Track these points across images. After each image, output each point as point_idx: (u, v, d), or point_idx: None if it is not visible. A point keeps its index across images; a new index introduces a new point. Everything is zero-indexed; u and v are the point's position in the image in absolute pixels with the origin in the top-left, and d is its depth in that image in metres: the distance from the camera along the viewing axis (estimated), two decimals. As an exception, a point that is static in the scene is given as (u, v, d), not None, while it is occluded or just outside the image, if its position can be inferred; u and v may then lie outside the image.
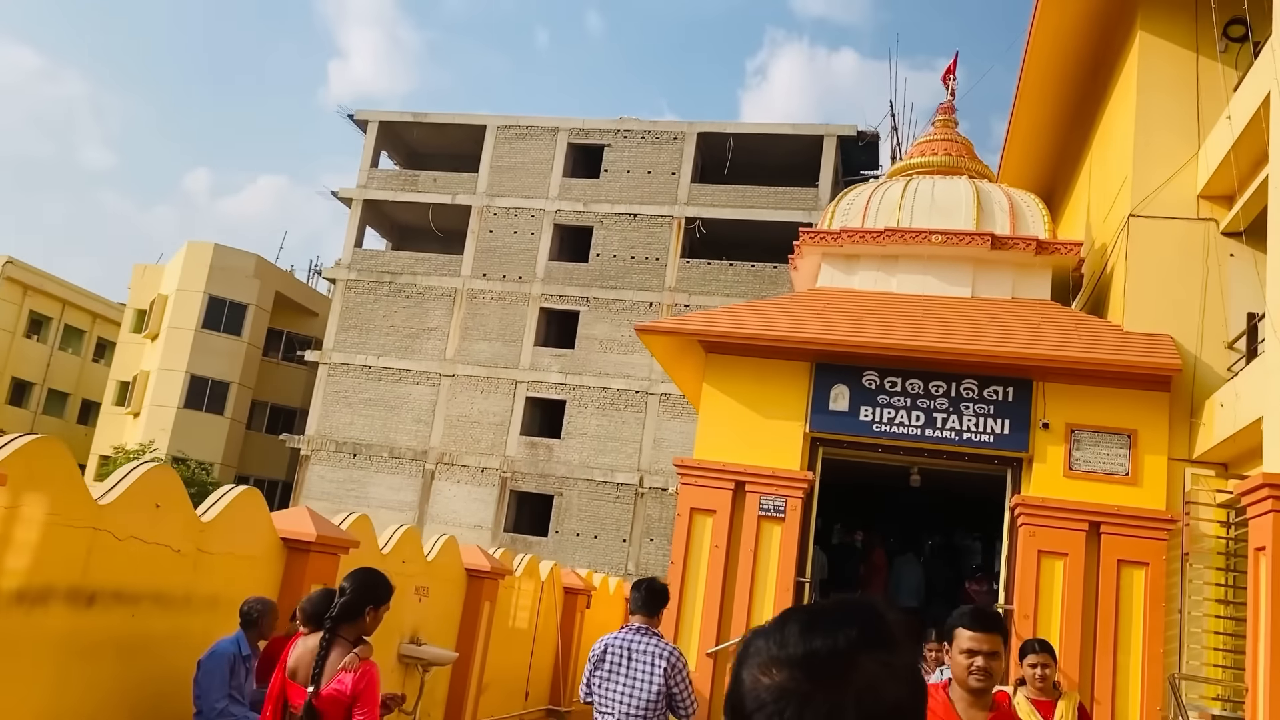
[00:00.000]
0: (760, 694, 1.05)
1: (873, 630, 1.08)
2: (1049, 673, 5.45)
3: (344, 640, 4.05)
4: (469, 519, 32.53)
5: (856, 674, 1.04)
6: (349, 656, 4.02)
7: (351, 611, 4.07)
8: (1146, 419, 10.58)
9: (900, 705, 1.05)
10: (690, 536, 11.27)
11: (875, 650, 1.07)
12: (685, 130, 34.06)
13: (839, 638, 1.07)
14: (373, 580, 4.19)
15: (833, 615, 1.10)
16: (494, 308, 33.86)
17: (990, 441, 10.89)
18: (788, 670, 1.05)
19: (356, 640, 4.09)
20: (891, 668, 1.06)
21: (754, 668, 1.08)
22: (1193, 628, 10.14)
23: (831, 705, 1.02)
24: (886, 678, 1.05)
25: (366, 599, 4.11)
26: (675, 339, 12.01)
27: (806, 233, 12.62)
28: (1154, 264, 11.11)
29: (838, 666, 1.04)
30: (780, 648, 1.07)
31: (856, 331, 11.24)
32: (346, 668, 3.99)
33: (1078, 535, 10.42)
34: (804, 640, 1.07)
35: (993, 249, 11.96)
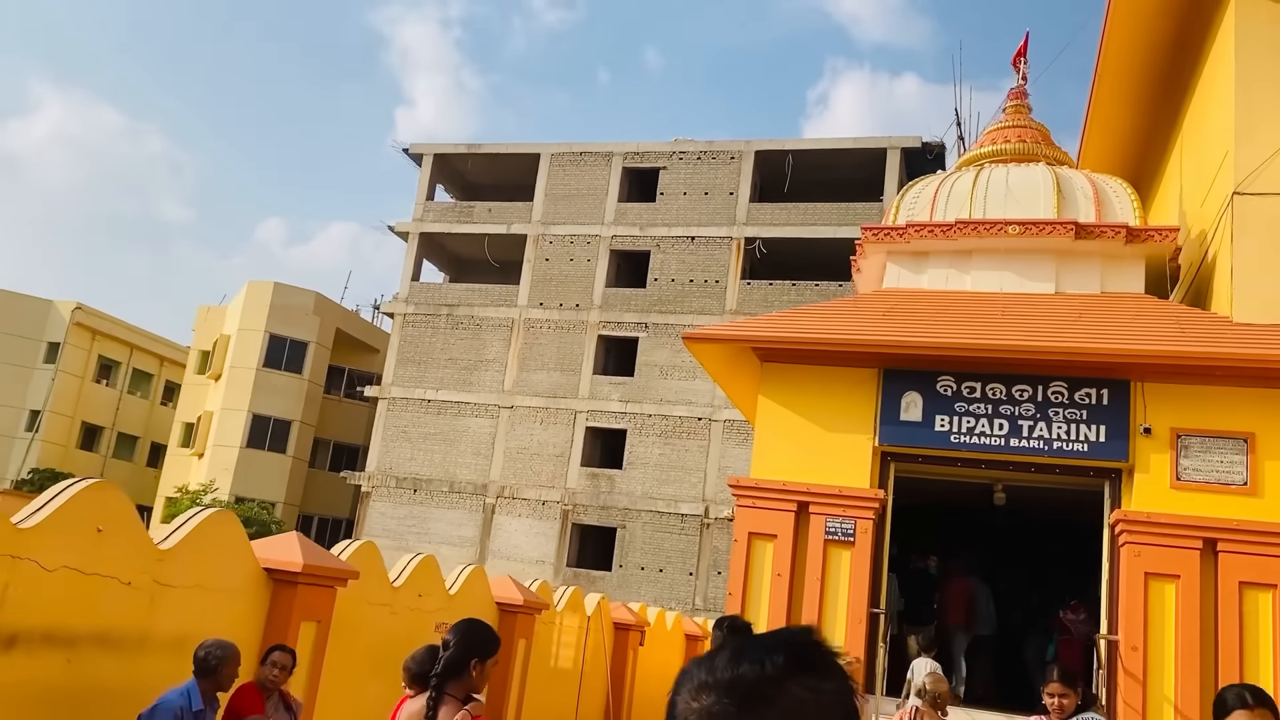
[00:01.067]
0: (689, 717, 1.07)
1: (803, 658, 1.09)
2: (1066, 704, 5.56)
3: (452, 698, 3.87)
4: (531, 554, 31.69)
5: (783, 699, 1.05)
6: (460, 715, 3.81)
7: (457, 667, 3.86)
8: (1265, 420, 9.29)
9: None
10: (749, 564, 10.22)
11: (804, 677, 1.07)
12: (742, 149, 33.18)
13: (766, 665, 1.08)
14: (478, 631, 4.04)
15: (764, 643, 1.12)
16: (551, 337, 33.17)
17: (1084, 450, 9.68)
18: (714, 695, 1.07)
19: (466, 698, 3.91)
20: (819, 694, 1.07)
21: (686, 693, 1.10)
22: (1334, 659, 8.77)
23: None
24: (813, 704, 1.06)
25: (472, 652, 3.91)
26: (728, 350, 11.02)
27: (869, 229, 11.57)
28: (1263, 246, 9.85)
29: (764, 692, 1.06)
30: (709, 674, 1.09)
31: (928, 332, 10.15)
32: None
33: (1190, 554, 9.14)
34: (732, 666, 1.09)
35: (1077, 239, 10.80)
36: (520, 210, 34.87)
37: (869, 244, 11.63)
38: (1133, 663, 9.08)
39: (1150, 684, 8.99)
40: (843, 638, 9.79)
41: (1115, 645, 9.33)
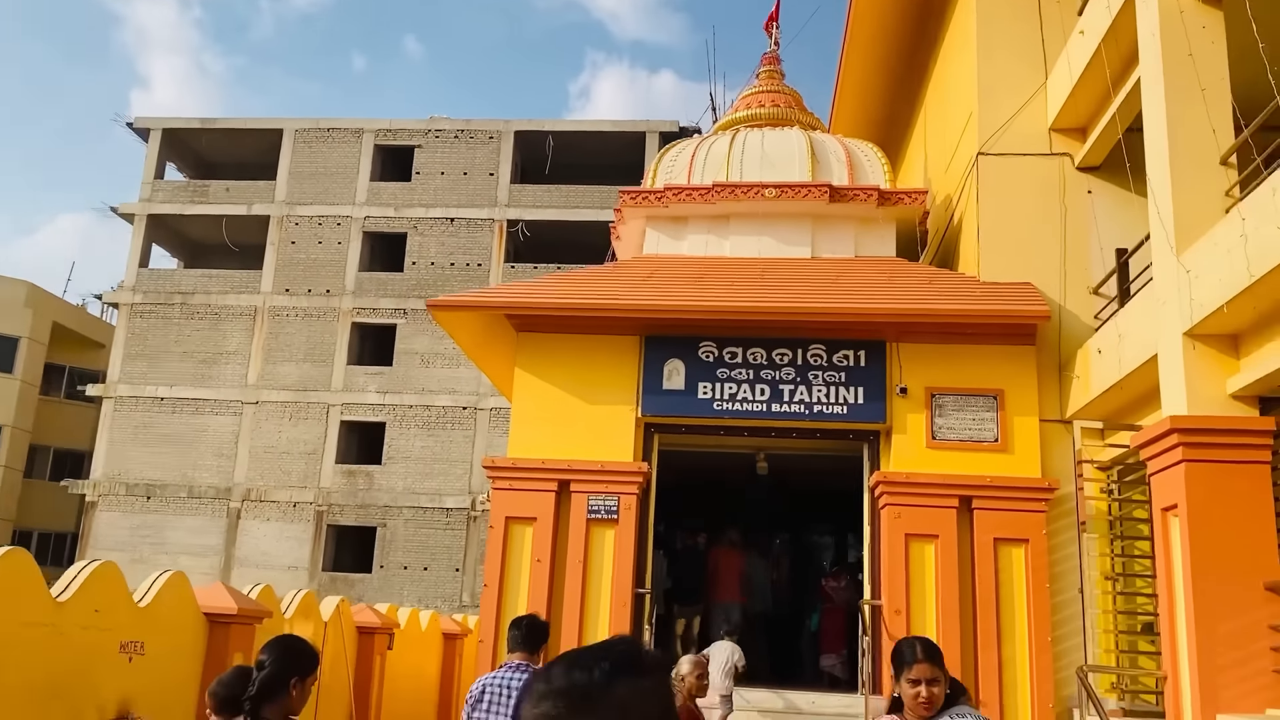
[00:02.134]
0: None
1: (627, 662, 1.24)
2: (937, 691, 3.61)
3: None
4: (283, 559, 29.52)
5: (608, 699, 1.20)
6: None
7: (274, 686, 3.62)
8: (1013, 377, 9.41)
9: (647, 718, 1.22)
10: (507, 551, 9.42)
11: (626, 678, 1.22)
12: (501, 129, 32.22)
13: (595, 671, 1.22)
14: (295, 648, 3.79)
15: (593, 652, 1.27)
16: (300, 326, 31.01)
17: (844, 413, 9.49)
18: (550, 701, 1.20)
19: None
20: (641, 690, 1.23)
21: (528, 703, 1.23)
22: (1079, 607, 8.96)
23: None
24: (636, 699, 1.21)
25: (291, 670, 3.67)
26: (481, 320, 10.14)
27: (627, 193, 11.00)
28: (1007, 206, 10.00)
29: (593, 694, 1.20)
30: (547, 684, 1.23)
31: (690, 296, 9.67)
32: None
33: (948, 513, 9.12)
34: (566, 676, 1.23)
35: (831, 202, 10.65)
36: (262, 189, 32.41)
37: (628, 209, 11.06)
38: (896, 626, 8.95)
39: (913, 646, 8.88)
40: (606, 621, 9.17)
41: (879, 610, 9.19)
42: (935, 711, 3.61)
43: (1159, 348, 7.08)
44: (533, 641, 5.29)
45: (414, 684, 11.77)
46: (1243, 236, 5.79)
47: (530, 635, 5.29)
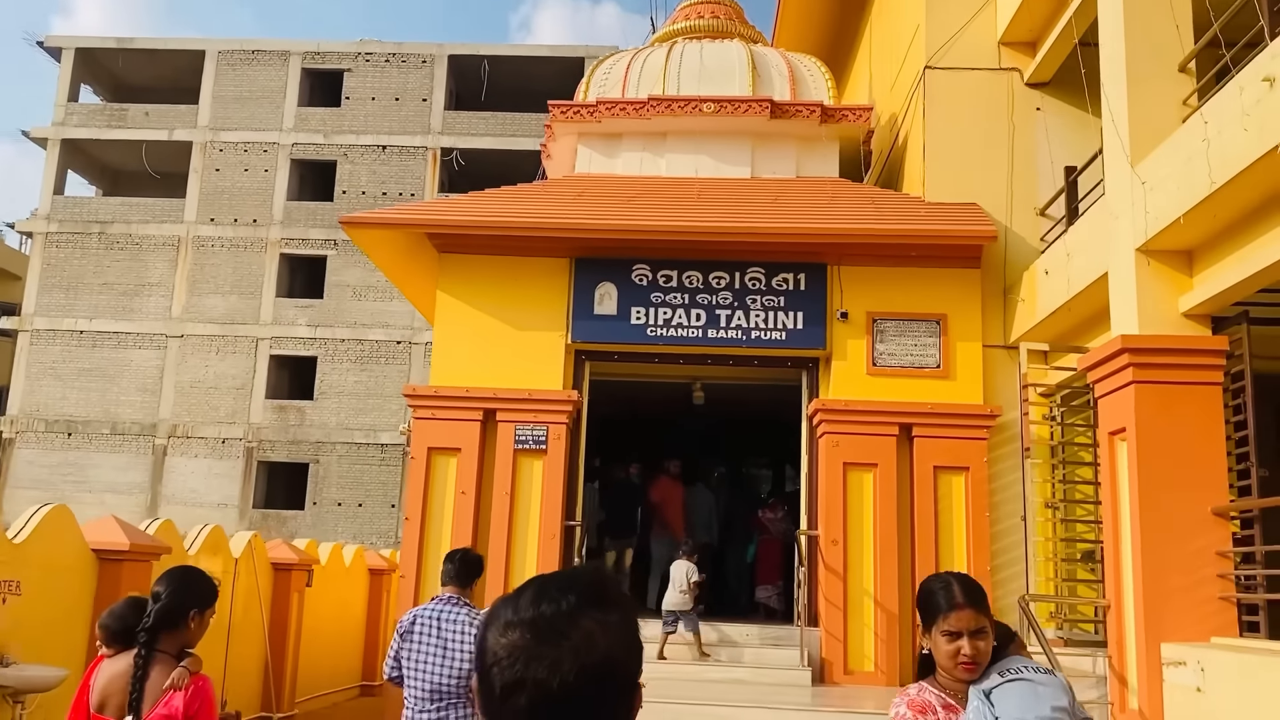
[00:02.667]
0: (497, 651, 1.21)
1: (593, 594, 1.24)
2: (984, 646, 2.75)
3: (165, 655, 3.53)
4: (211, 497, 28.75)
5: (575, 631, 1.20)
6: (176, 672, 3.50)
7: (172, 617, 3.54)
8: (956, 302, 9.09)
9: (611, 655, 1.22)
10: (429, 484, 8.96)
11: (594, 611, 1.22)
12: (435, 53, 31.02)
13: (562, 603, 1.22)
14: (193, 579, 3.69)
15: (560, 582, 1.26)
16: (226, 257, 29.86)
17: (783, 339, 9.11)
18: (518, 631, 1.21)
19: (179, 654, 3.57)
20: (606, 625, 1.22)
21: (494, 630, 1.23)
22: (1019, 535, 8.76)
23: (552, 658, 1.18)
24: (601, 633, 1.21)
25: (189, 601, 3.59)
26: (401, 240, 9.53)
27: (558, 106, 10.38)
28: (954, 124, 9.60)
29: (560, 625, 1.20)
30: (515, 613, 1.23)
31: (623, 215, 9.16)
32: (176, 686, 3.48)
33: (887, 441, 8.83)
34: (533, 606, 1.23)
35: (773, 118, 10.15)
36: (184, 114, 30.95)
37: (558, 123, 10.45)
38: (833, 557, 8.70)
39: (850, 578, 8.65)
40: (535, 554, 8.78)
41: (815, 540, 8.92)
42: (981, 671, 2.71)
43: (1110, 265, 6.75)
44: (466, 576, 5.18)
45: (337, 622, 11.34)
46: (1204, 141, 5.43)
47: (463, 569, 5.17)
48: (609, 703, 1.22)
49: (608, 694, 1.22)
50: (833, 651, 8.50)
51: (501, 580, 8.71)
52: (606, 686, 1.21)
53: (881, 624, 8.51)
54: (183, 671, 3.50)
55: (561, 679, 1.17)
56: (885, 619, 8.52)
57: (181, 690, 3.47)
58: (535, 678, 1.18)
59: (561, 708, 1.18)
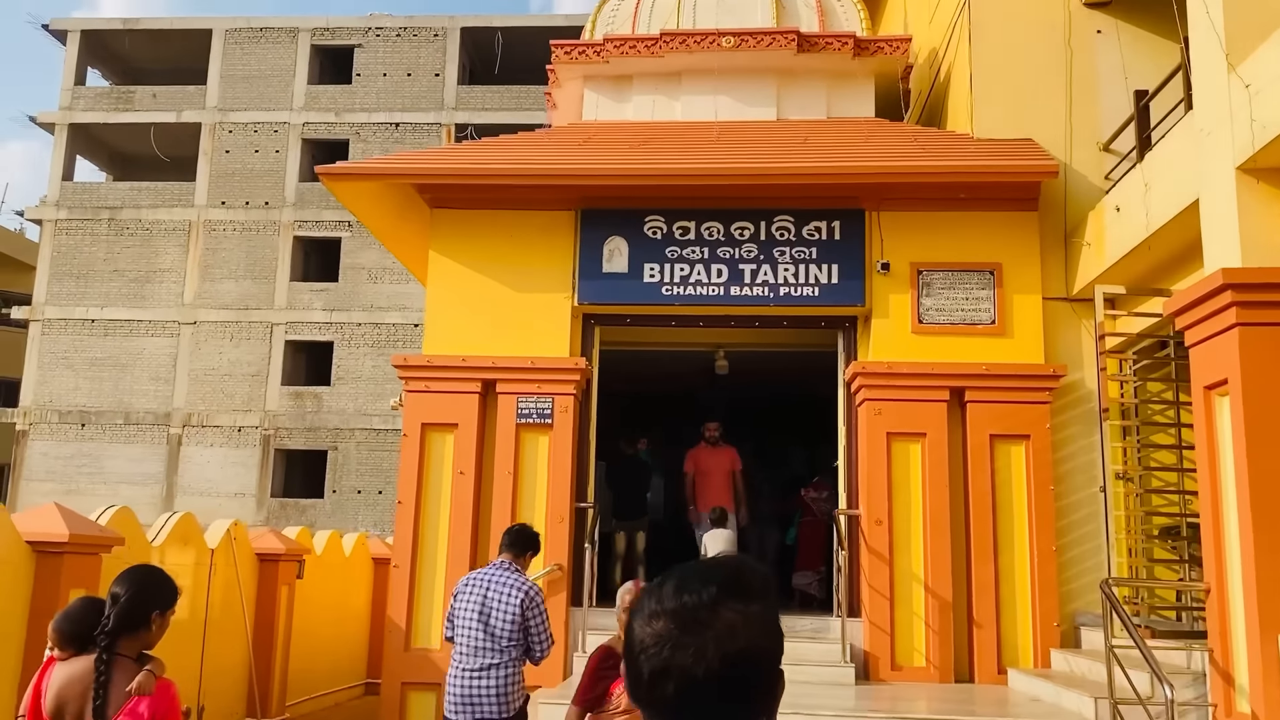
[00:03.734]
0: (644, 640, 1.27)
1: (733, 585, 1.28)
2: None
3: (125, 659, 3.33)
4: (228, 487, 28.12)
5: (717, 621, 1.25)
6: (142, 676, 3.30)
7: (132, 619, 3.36)
8: (1012, 250, 8.06)
9: (753, 643, 1.26)
10: (425, 463, 8.06)
11: (733, 601, 1.26)
12: (447, 25, 30.09)
13: (703, 593, 1.26)
14: (155, 579, 3.53)
15: (701, 573, 1.30)
16: (238, 240, 29.14)
17: (815, 296, 8.12)
18: (662, 620, 1.26)
19: (139, 657, 3.39)
20: (747, 615, 1.26)
21: (640, 619, 1.29)
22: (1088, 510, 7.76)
23: (696, 647, 1.23)
24: (742, 624, 1.25)
25: (151, 602, 3.42)
26: (387, 193, 8.61)
27: (561, 45, 9.41)
28: (1004, 52, 8.54)
29: (702, 616, 1.25)
30: (658, 603, 1.28)
31: (633, 160, 8.19)
32: (142, 690, 3.30)
33: (936, 408, 7.83)
34: (676, 596, 1.27)
35: (800, 52, 9.13)
36: (192, 95, 30.21)
37: (562, 66, 9.48)
38: (877, 539, 7.72)
39: (897, 562, 7.67)
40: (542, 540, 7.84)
41: (856, 521, 7.94)
42: None
43: (1203, 191, 5.71)
44: (520, 546, 5.51)
45: (336, 615, 10.50)
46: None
47: (518, 540, 5.52)
48: (753, 688, 1.26)
49: (751, 680, 1.26)
50: (878, 645, 7.53)
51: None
52: (750, 673, 1.26)
53: (933, 613, 7.54)
54: (148, 675, 3.36)
55: (707, 667, 1.23)
56: (937, 608, 7.54)
57: (147, 695, 3.34)
58: (680, 665, 1.23)
59: (707, 694, 1.23)
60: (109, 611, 3.38)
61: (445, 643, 5.48)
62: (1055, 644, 7.46)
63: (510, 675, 5.13)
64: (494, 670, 5.09)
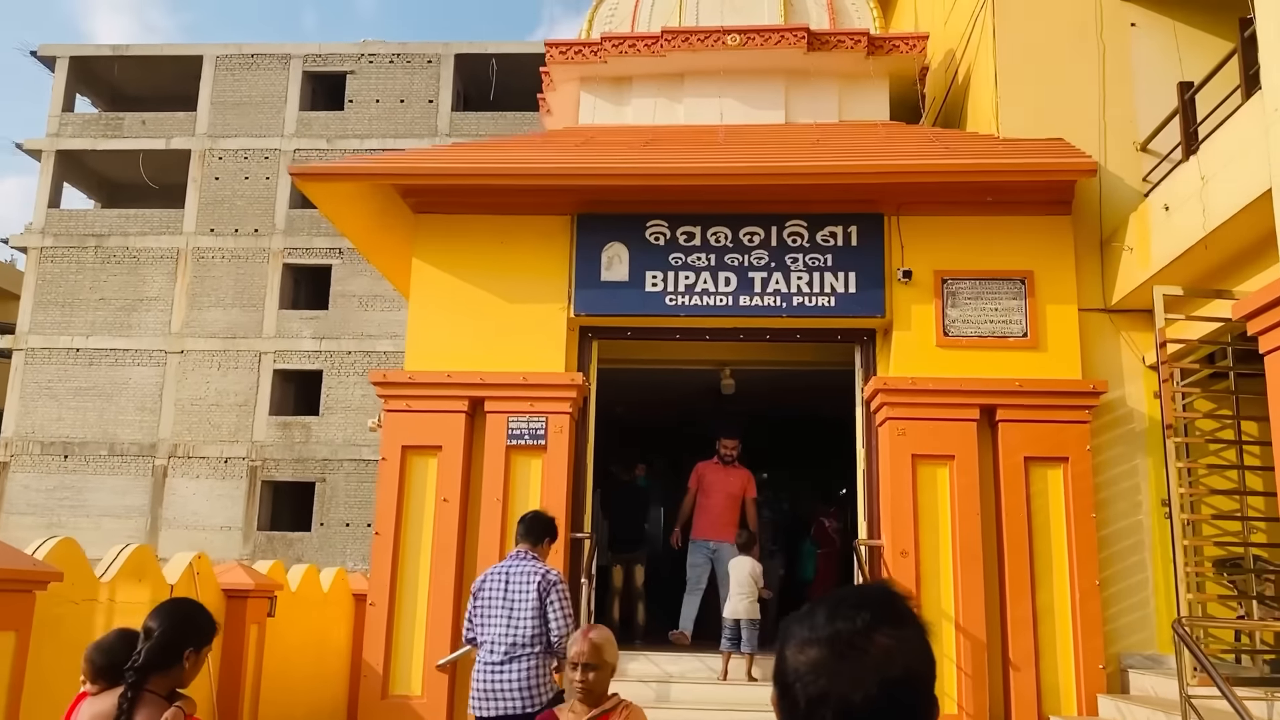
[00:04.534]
0: (799, 668, 1.25)
1: (885, 611, 1.26)
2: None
3: (154, 695, 3.19)
4: (214, 519, 27.32)
5: (873, 648, 1.22)
6: (170, 713, 3.15)
7: (165, 655, 3.19)
8: (1044, 256, 7.43)
9: (910, 669, 1.23)
10: (405, 490, 7.36)
11: (888, 628, 1.24)
12: (441, 52, 29.70)
13: (856, 620, 1.24)
14: (190, 614, 3.40)
15: (852, 600, 1.28)
16: (227, 268, 28.53)
17: (831, 306, 7.47)
18: (816, 648, 1.24)
19: (170, 695, 3.23)
20: (904, 640, 1.24)
21: (792, 648, 1.27)
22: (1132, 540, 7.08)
23: (854, 674, 1.21)
24: (898, 650, 1.23)
25: (186, 638, 3.25)
26: (366, 195, 7.97)
27: (556, 45, 8.83)
28: (1031, 47, 7.98)
29: (858, 642, 1.23)
30: (811, 630, 1.26)
31: (634, 159, 7.58)
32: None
33: (965, 427, 7.16)
34: (829, 624, 1.25)
35: (810, 51, 8.57)
36: (182, 122, 29.73)
37: (557, 67, 8.90)
38: (902, 572, 7.02)
39: (925, 597, 6.96)
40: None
41: (878, 552, 7.25)
42: None
43: (1276, 179, 5.09)
44: (535, 533, 5.36)
45: (314, 656, 9.74)
46: None
47: (533, 527, 5.38)
48: (910, 714, 1.25)
49: (908, 705, 1.24)
50: (905, 689, 6.81)
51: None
52: (907, 698, 1.24)
53: (965, 654, 6.82)
54: (177, 712, 3.21)
55: (865, 693, 1.21)
56: (970, 648, 6.83)
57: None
58: (839, 693, 1.22)
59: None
60: (140, 646, 3.27)
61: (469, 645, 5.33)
62: (1101, 689, 6.75)
63: (535, 667, 4.97)
64: (517, 663, 4.95)
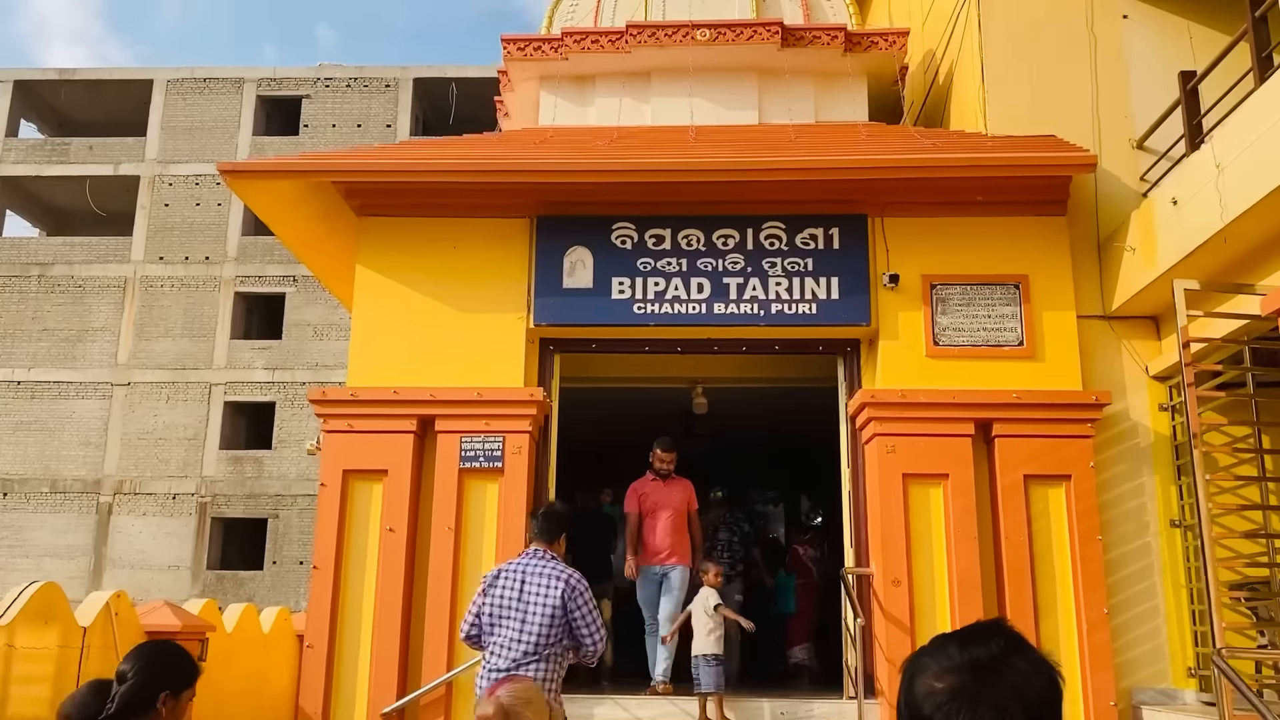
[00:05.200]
0: (938, 697, 1.29)
1: (1013, 639, 1.32)
2: None
3: None
4: (162, 558, 26.18)
5: (1011, 673, 1.28)
6: None
7: (140, 702, 3.00)
8: (1039, 260, 6.92)
9: (1048, 694, 1.29)
10: (346, 518, 6.66)
11: (1019, 653, 1.31)
12: (399, 76, 29.12)
13: (992, 646, 1.31)
14: (166, 655, 3.17)
15: (981, 631, 1.35)
16: (176, 298, 27.58)
17: (812, 314, 6.90)
18: (957, 675, 1.29)
19: None
20: (1036, 664, 1.30)
21: (927, 678, 1.31)
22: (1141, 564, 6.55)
23: (995, 698, 1.26)
24: (1033, 674, 1.29)
25: (160, 681, 3.04)
26: (308, 198, 7.31)
27: (514, 42, 8.26)
28: (1019, 41, 7.53)
29: (996, 669, 1.29)
30: (948, 659, 1.31)
31: (599, 156, 7.00)
32: None
33: (959, 444, 6.60)
34: (965, 651, 1.31)
35: (784, 47, 8.07)
36: (131, 147, 28.84)
37: (515, 65, 8.33)
38: (895, 602, 6.41)
39: (919, 630, 6.35)
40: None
41: (868, 580, 6.64)
42: None
43: (1307, 158, 4.60)
44: (551, 530, 4.99)
45: (251, 703, 8.94)
46: None
47: (546, 524, 5.01)
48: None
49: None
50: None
51: (444, 649, 6.39)
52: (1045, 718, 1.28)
53: (966, 692, 6.20)
54: None
55: (1008, 716, 1.25)
56: None
57: None
58: (982, 717, 1.25)
59: None
60: (114, 693, 3.11)
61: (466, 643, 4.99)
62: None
63: (545, 675, 4.64)
64: (527, 670, 4.61)
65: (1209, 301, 5.60)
